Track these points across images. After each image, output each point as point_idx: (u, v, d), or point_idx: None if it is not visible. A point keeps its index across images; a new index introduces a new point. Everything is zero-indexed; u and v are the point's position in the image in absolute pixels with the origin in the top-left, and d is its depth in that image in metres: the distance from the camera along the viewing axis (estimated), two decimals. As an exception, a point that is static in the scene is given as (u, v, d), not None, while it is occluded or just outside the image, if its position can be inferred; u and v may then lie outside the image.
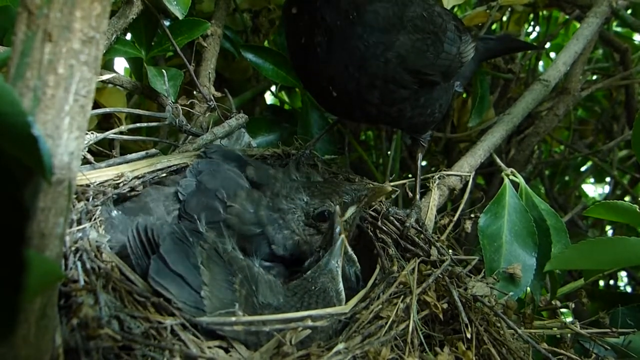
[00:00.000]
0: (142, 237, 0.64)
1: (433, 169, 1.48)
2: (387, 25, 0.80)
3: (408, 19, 0.82)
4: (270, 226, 0.77)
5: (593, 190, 2.11)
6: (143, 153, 0.89)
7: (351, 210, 0.81)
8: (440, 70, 0.89)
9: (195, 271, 0.62)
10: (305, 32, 0.81)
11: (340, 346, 0.59)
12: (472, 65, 1.11)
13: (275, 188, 0.82)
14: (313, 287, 0.68)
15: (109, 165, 0.82)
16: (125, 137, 0.96)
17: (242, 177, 0.82)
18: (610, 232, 1.77)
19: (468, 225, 1.00)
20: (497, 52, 1.26)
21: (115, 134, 0.92)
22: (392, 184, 1.05)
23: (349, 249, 0.76)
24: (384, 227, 0.87)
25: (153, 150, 0.91)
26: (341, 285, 0.71)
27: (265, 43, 1.42)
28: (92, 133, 0.88)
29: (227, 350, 0.58)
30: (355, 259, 0.77)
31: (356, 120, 1.07)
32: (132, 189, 0.79)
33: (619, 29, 1.68)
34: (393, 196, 1.01)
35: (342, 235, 0.73)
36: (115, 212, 0.73)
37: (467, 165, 1.08)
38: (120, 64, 1.49)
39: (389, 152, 1.37)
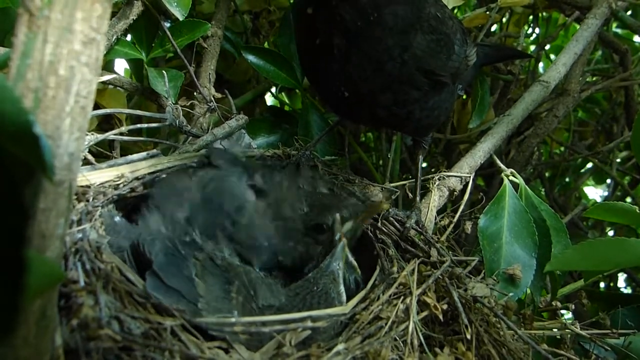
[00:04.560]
0: (136, 254, 0.64)
1: (433, 170, 1.48)
2: (405, 27, 0.79)
3: (424, 19, 0.82)
4: (276, 239, 0.77)
5: (594, 191, 2.11)
6: (144, 154, 0.89)
7: (347, 226, 0.81)
8: (450, 71, 0.89)
9: (190, 284, 0.62)
10: (321, 33, 0.80)
11: (340, 347, 0.59)
12: (474, 70, 1.11)
13: (280, 194, 0.81)
14: (315, 288, 0.69)
15: (110, 166, 0.82)
16: (125, 138, 0.96)
17: (247, 187, 0.81)
18: (611, 233, 1.77)
19: (468, 226, 1.00)
20: (494, 58, 1.27)
21: (115, 135, 0.92)
22: (392, 184, 1.05)
23: (350, 256, 0.77)
24: (383, 228, 0.87)
25: (154, 151, 0.91)
26: (342, 287, 0.71)
27: (266, 44, 1.42)
28: (92, 134, 0.88)
29: (227, 351, 0.58)
30: (356, 265, 0.77)
31: (362, 122, 1.06)
32: (132, 189, 0.79)
33: (619, 30, 1.68)
34: (393, 197, 1.01)
35: (344, 239, 0.74)
36: (118, 217, 0.73)
37: (467, 167, 1.08)
38: (121, 65, 1.49)
39: (389, 154, 1.37)
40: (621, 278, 1.71)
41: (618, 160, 1.69)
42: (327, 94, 0.93)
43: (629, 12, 1.49)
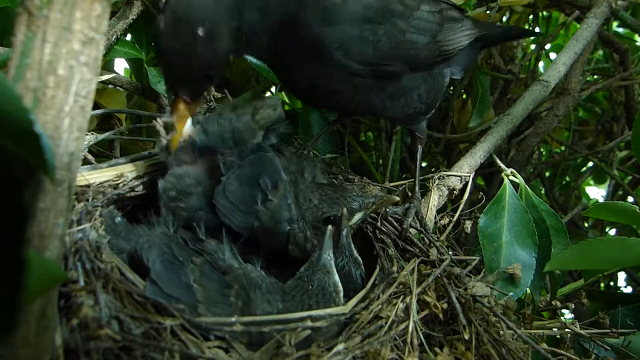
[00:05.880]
0: (133, 261, 0.64)
1: (433, 169, 1.48)
2: (329, 17, 0.78)
3: (351, 9, 0.80)
4: (296, 224, 0.76)
5: (596, 191, 2.11)
6: (146, 153, 0.89)
7: (358, 217, 0.81)
8: (401, 60, 0.86)
9: (189, 290, 0.62)
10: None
11: (340, 346, 0.59)
12: (471, 53, 1.08)
13: (292, 175, 0.81)
14: (310, 287, 0.68)
15: (110, 166, 0.82)
16: (125, 137, 0.96)
17: (281, 167, 0.80)
18: (612, 233, 1.77)
19: (468, 225, 1.00)
20: (497, 39, 1.25)
21: (115, 134, 0.93)
22: (391, 184, 1.05)
23: (355, 251, 0.77)
24: (383, 228, 0.87)
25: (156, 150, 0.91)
26: (336, 277, 0.71)
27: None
28: (92, 134, 0.88)
29: (227, 351, 0.58)
30: (361, 261, 0.77)
31: (334, 110, 1.06)
32: (132, 189, 0.79)
33: (619, 30, 1.68)
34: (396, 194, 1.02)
35: (330, 227, 0.73)
36: (119, 218, 0.73)
37: (466, 166, 1.08)
38: (121, 65, 1.49)
39: (388, 153, 1.37)
40: (621, 277, 1.71)
41: (618, 159, 1.68)
42: (288, 87, 0.93)
43: (629, 12, 1.48)
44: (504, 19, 1.57)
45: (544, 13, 1.64)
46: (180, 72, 0.68)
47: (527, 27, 1.64)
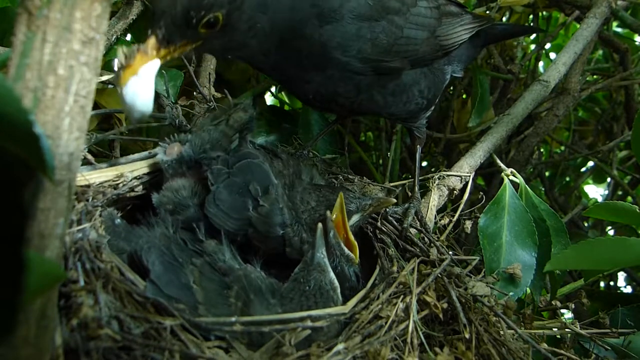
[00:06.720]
0: (133, 263, 0.64)
1: (433, 169, 1.48)
2: (328, 18, 0.79)
3: (348, 9, 0.80)
4: (290, 228, 0.76)
5: (595, 190, 2.11)
6: (146, 153, 0.89)
7: (355, 218, 0.82)
8: (400, 55, 0.87)
9: (189, 291, 0.62)
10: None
11: (340, 346, 0.59)
12: (472, 49, 1.08)
13: (287, 178, 0.82)
14: (307, 288, 0.68)
15: (110, 166, 0.82)
16: (125, 137, 0.96)
17: (270, 169, 0.80)
18: (612, 233, 1.77)
19: (468, 225, 1.00)
20: (502, 35, 1.25)
21: (115, 134, 0.92)
22: (391, 184, 1.05)
23: (345, 250, 0.77)
24: (383, 228, 0.87)
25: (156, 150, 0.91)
26: (332, 274, 0.71)
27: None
28: (92, 134, 0.88)
29: (227, 351, 0.58)
30: (353, 257, 0.77)
31: (339, 112, 1.07)
32: (132, 189, 0.79)
33: (619, 30, 1.68)
34: (395, 194, 1.02)
35: (320, 225, 0.73)
36: (118, 220, 0.73)
37: (466, 166, 1.08)
38: (121, 65, 1.49)
39: (388, 153, 1.37)
40: (621, 277, 1.71)
41: (618, 158, 1.69)
42: (298, 99, 0.93)
43: (629, 12, 1.48)
44: (504, 19, 1.57)
45: (544, 13, 1.64)
46: (165, 6, 0.67)
47: (527, 27, 1.64)
